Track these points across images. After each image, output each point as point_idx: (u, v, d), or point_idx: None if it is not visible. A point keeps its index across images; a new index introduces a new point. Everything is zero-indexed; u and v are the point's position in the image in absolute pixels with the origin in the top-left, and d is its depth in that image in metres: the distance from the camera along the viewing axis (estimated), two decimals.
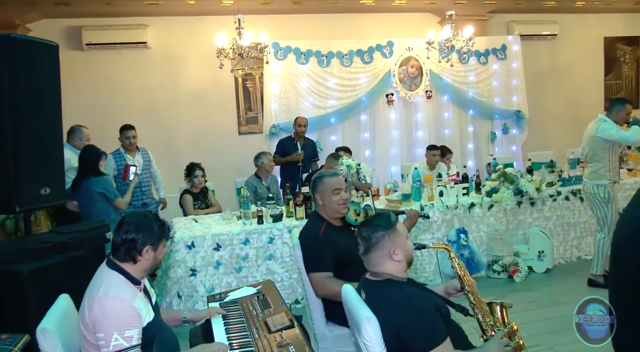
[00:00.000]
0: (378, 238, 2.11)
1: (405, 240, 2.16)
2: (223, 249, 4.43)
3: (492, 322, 2.18)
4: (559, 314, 4.16)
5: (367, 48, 7.20)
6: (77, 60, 6.64)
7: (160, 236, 2.26)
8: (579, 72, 8.78)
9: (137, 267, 2.21)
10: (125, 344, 2.00)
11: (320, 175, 3.17)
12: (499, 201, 5.18)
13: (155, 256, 2.25)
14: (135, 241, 2.18)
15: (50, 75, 3.54)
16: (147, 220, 2.25)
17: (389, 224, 2.14)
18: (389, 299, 2.02)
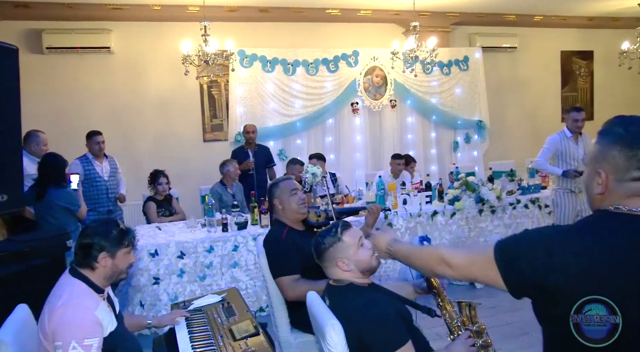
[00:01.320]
0: (323, 250, 2.16)
1: (357, 249, 2.15)
2: (187, 257, 4.38)
3: (460, 322, 2.21)
4: (518, 319, 4.26)
5: (332, 57, 7.27)
6: (37, 64, 6.48)
7: (118, 243, 2.19)
8: (537, 84, 9.06)
9: (96, 274, 2.16)
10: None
11: (275, 181, 3.24)
12: (461, 209, 5.28)
13: (114, 263, 2.18)
14: (90, 246, 2.14)
15: (9, 79, 3.45)
16: (106, 226, 2.20)
17: (334, 235, 2.16)
18: (352, 304, 2.04)
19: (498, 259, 1.36)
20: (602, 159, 1.34)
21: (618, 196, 1.32)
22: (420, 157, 7.61)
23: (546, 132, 8.74)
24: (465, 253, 1.51)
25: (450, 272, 1.51)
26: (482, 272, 1.41)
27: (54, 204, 4.34)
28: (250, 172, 6.15)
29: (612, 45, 8.38)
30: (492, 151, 8.35)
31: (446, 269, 1.51)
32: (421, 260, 1.66)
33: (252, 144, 6.31)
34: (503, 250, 1.37)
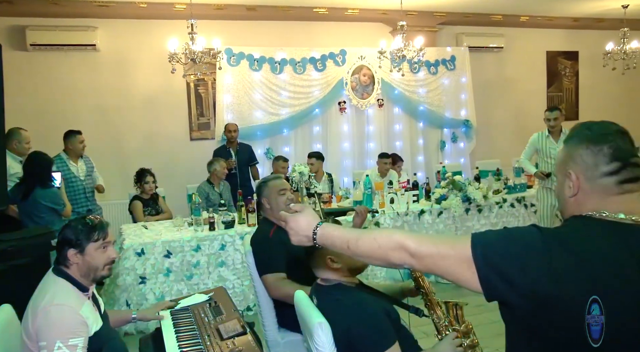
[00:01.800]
0: (311, 250, 2.13)
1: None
2: (174, 256, 4.36)
3: (447, 322, 2.22)
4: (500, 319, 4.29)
5: (320, 56, 7.26)
6: (20, 62, 6.40)
7: (86, 237, 2.11)
8: (524, 84, 9.13)
9: (74, 271, 2.13)
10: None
11: (264, 179, 3.23)
12: (447, 208, 5.31)
13: (86, 260, 2.11)
14: (60, 243, 2.13)
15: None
16: (74, 222, 2.17)
17: None
18: (339, 304, 2.04)
19: (478, 258, 1.23)
20: (570, 160, 1.33)
21: (596, 197, 1.30)
22: (407, 156, 7.63)
23: (532, 131, 8.81)
24: (434, 244, 1.30)
25: (411, 261, 1.31)
26: (452, 269, 1.26)
27: (40, 204, 4.29)
28: (232, 171, 6.13)
29: (597, 46, 8.46)
30: (478, 150, 8.41)
31: (406, 257, 1.31)
32: (369, 245, 1.37)
33: (233, 143, 6.30)
34: (486, 249, 1.24)
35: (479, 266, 1.23)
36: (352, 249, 1.41)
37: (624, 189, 1.28)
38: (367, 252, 1.39)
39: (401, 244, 1.31)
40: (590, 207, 1.30)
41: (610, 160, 1.28)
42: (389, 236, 1.36)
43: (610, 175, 1.28)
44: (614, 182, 1.28)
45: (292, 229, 1.55)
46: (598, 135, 1.31)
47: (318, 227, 1.49)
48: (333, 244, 1.47)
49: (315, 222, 1.51)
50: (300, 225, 1.53)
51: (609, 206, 1.28)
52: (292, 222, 1.55)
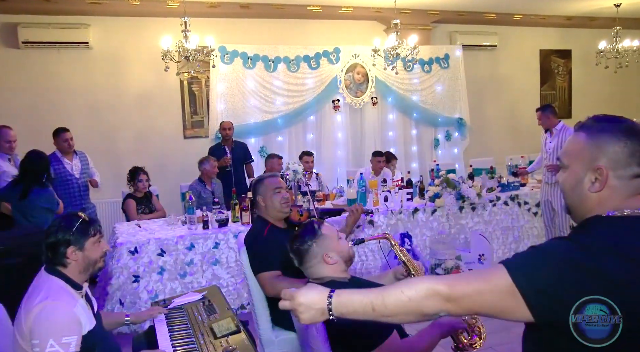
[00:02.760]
0: (307, 248, 2.16)
1: (337, 241, 2.20)
2: (167, 255, 4.34)
3: None
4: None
5: (314, 54, 7.26)
6: (12, 59, 6.36)
7: (83, 233, 2.13)
8: (517, 82, 9.16)
9: (70, 270, 2.12)
10: (62, 351, 1.93)
11: (260, 177, 3.22)
12: (441, 206, 5.32)
13: (85, 255, 2.13)
14: (56, 243, 2.10)
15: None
16: (66, 220, 2.16)
17: (314, 231, 2.18)
18: None
19: (523, 286, 1.15)
20: (601, 154, 1.25)
21: (620, 196, 1.24)
22: (401, 155, 7.64)
23: (525, 129, 8.92)
24: (467, 282, 1.22)
25: (447, 307, 1.22)
26: (494, 303, 1.18)
27: (36, 205, 4.28)
28: (227, 168, 6.12)
29: (590, 45, 8.51)
30: (472, 148, 8.42)
31: (441, 304, 1.21)
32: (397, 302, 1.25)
33: (229, 141, 6.29)
34: (528, 275, 1.17)
35: (525, 293, 1.16)
36: (378, 311, 1.27)
37: None
38: (396, 309, 1.26)
39: (433, 291, 1.21)
40: (612, 205, 1.25)
41: None
42: (417, 285, 1.25)
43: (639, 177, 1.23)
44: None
45: (301, 304, 1.34)
46: (633, 131, 1.24)
47: (332, 296, 1.33)
48: (354, 311, 1.30)
49: (326, 292, 1.34)
50: (311, 298, 1.34)
51: (629, 204, 1.25)
52: (301, 296, 1.35)
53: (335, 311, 1.31)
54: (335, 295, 1.31)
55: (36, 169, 4.34)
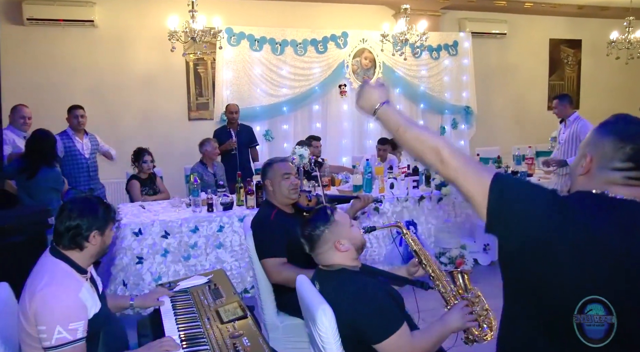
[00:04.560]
0: (319, 234, 2.11)
1: (350, 228, 2.16)
2: (171, 237, 4.32)
3: (454, 291, 2.20)
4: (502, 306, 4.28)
5: (321, 38, 7.17)
6: (16, 36, 6.28)
7: (107, 219, 2.14)
8: (525, 72, 9.05)
9: (83, 254, 2.10)
10: (69, 337, 1.90)
11: (270, 161, 3.16)
12: (448, 195, 5.28)
13: (103, 240, 2.14)
14: (80, 227, 2.06)
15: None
16: (90, 204, 2.13)
17: (327, 217, 2.14)
18: (343, 289, 2.01)
19: (493, 189, 1.34)
20: (593, 144, 1.40)
21: (599, 181, 1.38)
22: None
23: (532, 119, 8.85)
24: (464, 162, 1.42)
25: (439, 166, 1.44)
26: (469, 187, 1.39)
27: (43, 185, 4.24)
28: (233, 152, 6.08)
29: (601, 35, 8.38)
30: (478, 137, 8.36)
31: (437, 161, 1.44)
32: (414, 139, 1.51)
33: (234, 124, 6.23)
34: (502, 184, 1.36)
35: (491, 197, 1.34)
36: (400, 133, 1.55)
37: (627, 183, 1.36)
38: (409, 141, 1.52)
39: (438, 149, 1.43)
40: (592, 186, 1.39)
41: (627, 159, 1.34)
42: (432, 138, 1.47)
43: (619, 170, 1.35)
44: (621, 176, 1.35)
45: (365, 92, 1.65)
46: (630, 134, 1.36)
47: (385, 103, 1.61)
48: (387, 122, 1.60)
49: (384, 99, 1.62)
50: (373, 95, 1.63)
51: (610, 190, 1.37)
52: (367, 89, 1.65)
53: (379, 113, 1.62)
54: (387, 105, 1.61)
55: (42, 148, 4.30)
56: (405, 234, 2.32)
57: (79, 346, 1.93)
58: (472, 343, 2.18)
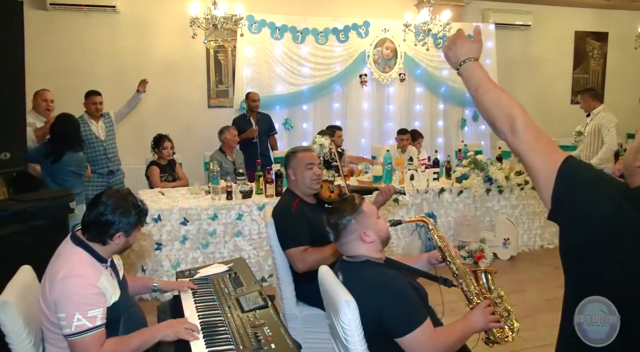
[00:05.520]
0: (345, 223, 2.08)
1: (376, 219, 2.12)
2: (190, 224, 4.32)
3: (478, 290, 2.16)
4: (522, 301, 4.23)
5: (343, 27, 7.10)
6: (40, 21, 6.30)
7: (136, 223, 2.13)
8: (549, 64, 8.89)
9: (105, 248, 2.10)
10: (89, 324, 1.91)
11: (294, 150, 3.12)
12: (468, 188, 5.21)
13: (127, 241, 2.14)
14: (109, 224, 2.05)
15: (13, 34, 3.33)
16: (125, 204, 2.09)
17: (354, 207, 2.10)
18: (368, 282, 1.98)
19: (562, 173, 1.27)
20: None
21: None
22: (426, 129, 7.55)
23: (555, 113, 8.70)
24: (536, 136, 1.34)
25: (508, 137, 1.37)
26: (536, 166, 1.31)
27: (67, 169, 4.26)
28: (254, 140, 6.06)
29: (628, 27, 8.21)
30: None
31: (507, 131, 1.37)
32: (492, 102, 1.42)
33: (254, 112, 6.21)
34: (573, 169, 1.28)
35: (558, 182, 1.27)
36: (478, 93, 1.47)
37: None
38: (486, 103, 1.44)
39: (513, 118, 1.36)
40: None
41: None
42: (510, 105, 1.39)
43: None
44: None
45: (455, 44, 1.56)
46: None
47: (471, 59, 1.53)
48: (469, 79, 1.52)
49: (472, 55, 1.54)
50: (463, 47, 1.55)
51: None
52: (459, 41, 1.56)
53: (463, 68, 1.53)
54: (472, 61, 1.53)
55: (67, 132, 4.31)
56: (431, 229, 2.28)
57: (98, 333, 1.93)
58: (493, 344, 2.14)
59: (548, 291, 4.38)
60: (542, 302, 4.21)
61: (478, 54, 1.56)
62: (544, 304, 4.15)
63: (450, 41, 1.59)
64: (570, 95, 8.93)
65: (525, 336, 3.58)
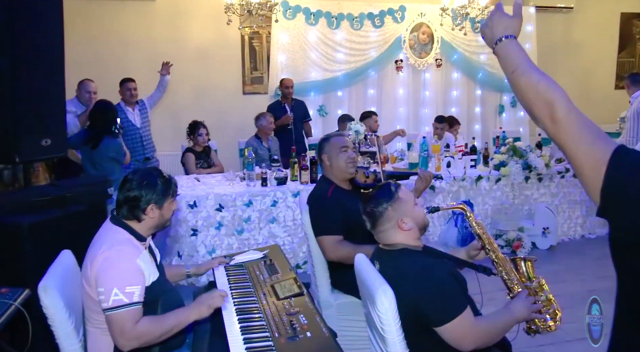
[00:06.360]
0: (382, 211, 2.03)
1: (413, 206, 2.08)
2: (225, 210, 4.35)
3: (518, 279, 2.11)
4: (562, 292, 4.09)
5: (378, 11, 7.00)
6: (77, 10, 6.38)
7: (165, 193, 2.15)
8: (593, 48, 8.57)
9: (142, 225, 2.13)
10: (126, 300, 1.93)
11: (327, 136, 3.10)
12: (507, 175, 5.09)
13: (161, 213, 2.15)
14: (138, 198, 2.09)
15: (53, 23, 3.36)
16: (150, 177, 2.14)
17: (391, 194, 2.06)
18: (405, 270, 1.94)
19: (613, 164, 1.13)
20: None
21: None
22: (463, 116, 7.42)
23: (598, 98, 8.40)
24: (581, 124, 1.20)
25: (547, 126, 1.24)
26: (580, 157, 1.18)
27: (105, 155, 4.34)
28: (289, 127, 6.05)
29: None
30: None
31: (547, 120, 1.23)
32: (529, 86, 1.29)
33: (289, 99, 6.19)
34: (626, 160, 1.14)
35: (608, 175, 1.13)
36: (514, 77, 1.33)
37: None
38: (522, 88, 1.31)
39: (553, 105, 1.22)
40: None
41: None
42: (550, 90, 1.24)
43: None
44: None
45: (491, 20, 1.44)
46: None
47: (510, 37, 1.39)
48: (505, 59, 1.38)
49: (510, 32, 1.40)
50: (500, 24, 1.41)
51: None
52: (497, 16, 1.43)
53: (498, 47, 1.40)
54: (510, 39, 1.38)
55: (105, 118, 4.39)
56: (469, 217, 2.22)
57: (134, 310, 1.95)
58: (535, 334, 2.09)
59: (589, 282, 4.26)
60: (584, 293, 4.09)
61: (517, 31, 1.42)
62: (585, 296, 4.01)
63: (487, 19, 1.46)
64: (615, 80, 8.61)
65: (566, 328, 3.47)
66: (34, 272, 2.39)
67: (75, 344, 1.98)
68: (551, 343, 3.30)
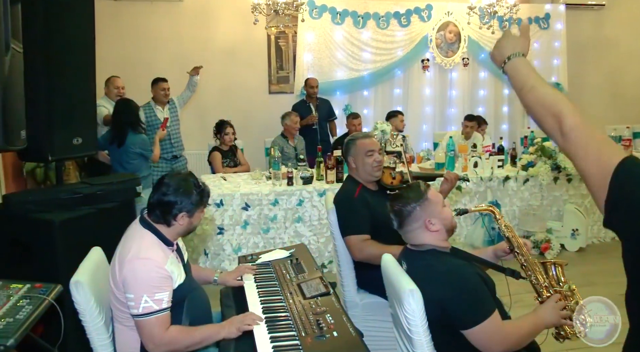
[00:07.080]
0: (410, 210, 2.02)
1: (442, 208, 2.06)
2: (252, 209, 4.38)
3: (547, 283, 2.08)
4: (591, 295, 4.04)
5: (404, 10, 6.96)
6: (107, 10, 6.49)
7: (198, 203, 2.16)
8: (624, 45, 8.37)
9: (170, 230, 2.14)
10: (155, 306, 1.96)
11: (353, 137, 3.08)
12: (535, 176, 5.02)
13: (191, 221, 2.17)
14: (171, 204, 2.09)
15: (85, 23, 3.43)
16: (186, 184, 2.13)
17: (419, 194, 2.04)
18: (433, 271, 1.92)
19: (619, 176, 1.12)
20: None
21: None
22: (490, 115, 7.33)
23: (630, 98, 8.22)
24: (588, 135, 1.20)
25: (557, 139, 1.25)
26: (588, 167, 1.19)
27: (130, 151, 4.40)
28: (314, 126, 6.06)
29: None
30: None
31: (556, 133, 1.24)
32: (537, 102, 1.32)
33: (313, 98, 6.20)
34: (632, 171, 1.13)
35: (613, 186, 1.13)
36: (523, 93, 1.37)
37: None
38: (531, 103, 1.35)
39: (561, 118, 1.24)
40: None
41: None
42: (557, 103, 1.27)
43: None
44: None
45: (501, 41, 1.48)
46: None
47: (517, 55, 1.43)
48: (514, 78, 1.42)
49: (517, 51, 1.43)
50: (508, 44, 1.45)
51: None
52: (504, 37, 1.48)
53: (508, 65, 1.43)
54: (518, 58, 1.42)
55: (126, 113, 4.44)
56: (498, 219, 2.19)
57: (163, 316, 1.99)
58: (564, 340, 2.05)
59: (620, 286, 4.08)
60: (614, 297, 3.98)
61: (525, 50, 1.44)
62: (615, 299, 3.91)
63: (497, 41, 1.50)
64: None
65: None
66: (66, 268, 2.44)
67: (105, 340, 2.03)
68: (580, 347, 3.24)
